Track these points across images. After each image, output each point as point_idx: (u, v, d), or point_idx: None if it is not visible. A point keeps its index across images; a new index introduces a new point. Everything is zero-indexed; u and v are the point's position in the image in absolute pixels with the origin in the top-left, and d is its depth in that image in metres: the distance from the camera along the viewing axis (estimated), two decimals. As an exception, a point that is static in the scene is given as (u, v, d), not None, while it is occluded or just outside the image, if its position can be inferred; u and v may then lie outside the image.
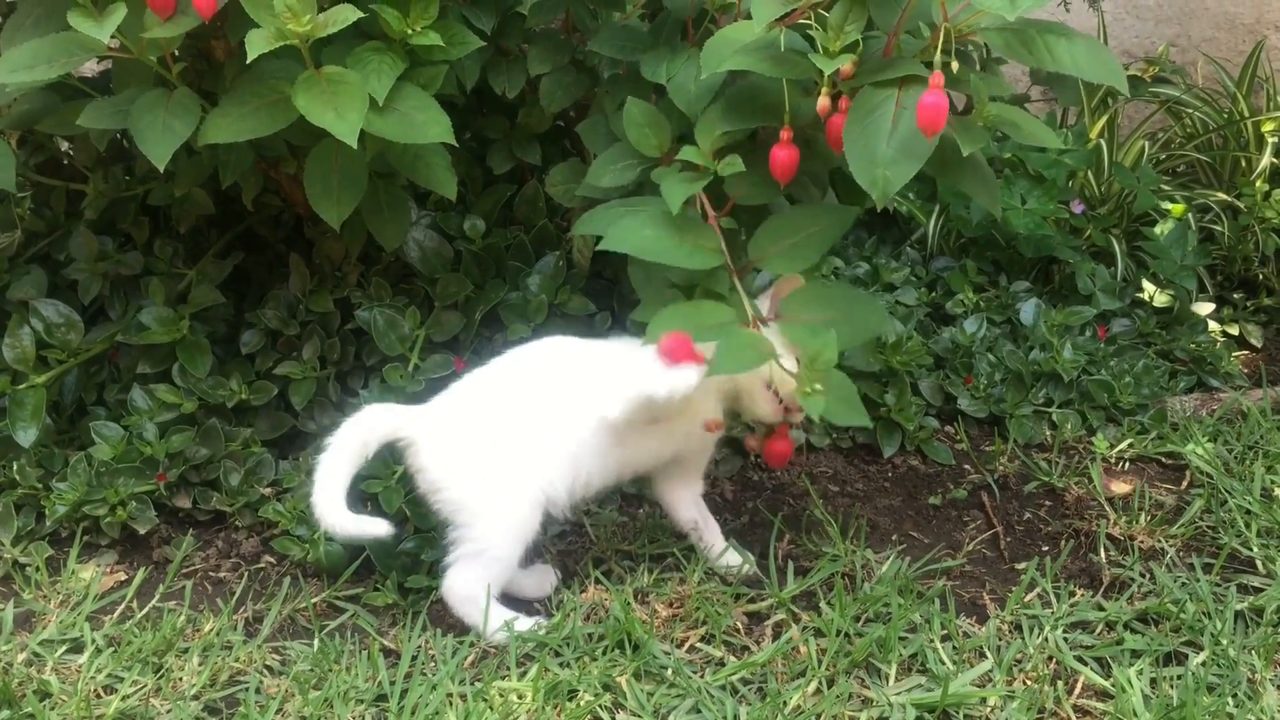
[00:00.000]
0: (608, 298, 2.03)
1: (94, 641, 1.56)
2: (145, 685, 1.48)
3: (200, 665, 1.52)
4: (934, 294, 2.32)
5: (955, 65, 1.40)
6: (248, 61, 1.53)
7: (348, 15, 1.56)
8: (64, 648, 1.56)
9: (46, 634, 1.58)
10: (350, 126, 1.54)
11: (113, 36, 1.59)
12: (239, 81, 1.68)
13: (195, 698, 1.47)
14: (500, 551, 1.56)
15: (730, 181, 1.59)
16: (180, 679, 1.50)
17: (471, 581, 1.57)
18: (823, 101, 1.49)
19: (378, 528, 1.56)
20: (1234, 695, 1.45)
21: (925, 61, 1.45)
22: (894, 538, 1.82)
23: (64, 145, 2.13)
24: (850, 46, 1.46)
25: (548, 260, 1.97)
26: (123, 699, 1.45)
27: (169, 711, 1.44)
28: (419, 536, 1.75)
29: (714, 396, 1.59)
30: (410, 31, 1.65)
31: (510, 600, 1.62)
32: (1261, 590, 1.64)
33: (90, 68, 2.32)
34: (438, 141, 1.64)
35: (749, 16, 1.50)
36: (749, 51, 1.52)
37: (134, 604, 1.68)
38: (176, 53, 1.72)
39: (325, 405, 1.93)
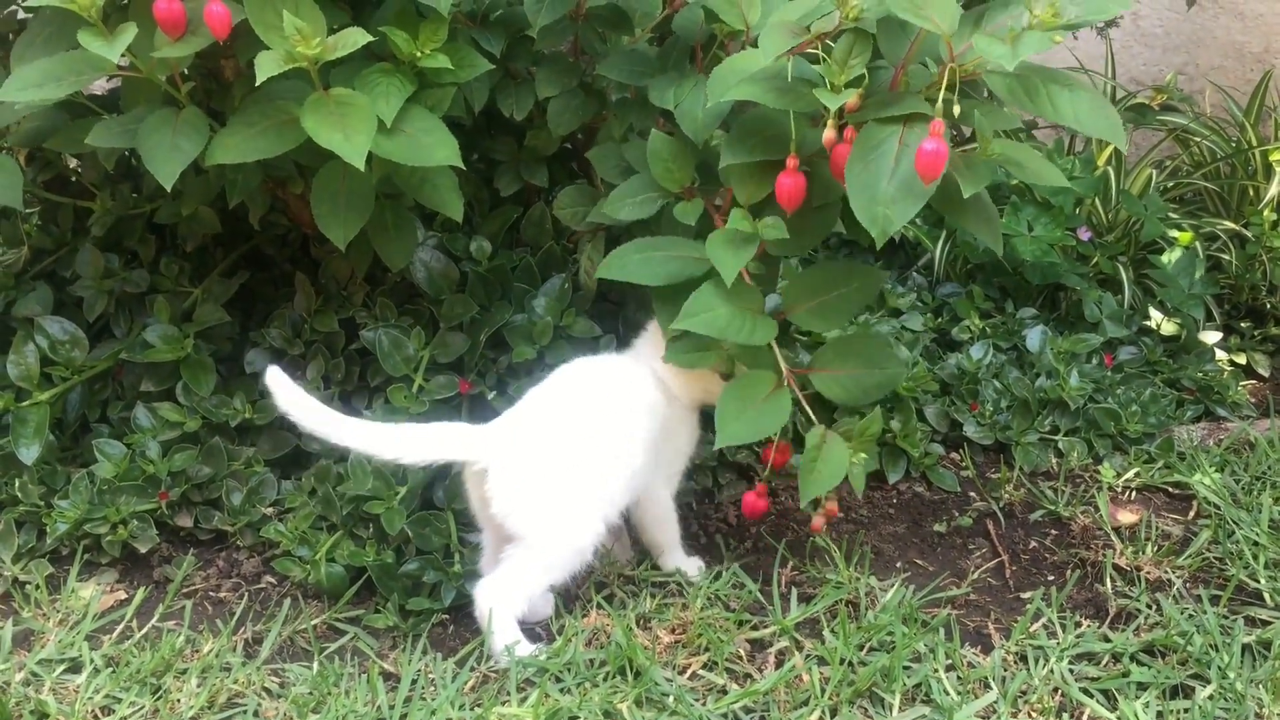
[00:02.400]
0: (613, 320, 2.02)
1: (92, 661, 1.55)
2: (143, 707, 1.47)
3: (199, 687, 1.51)
4: (940, 320, 2.32)
5: (958, 109, 1.40)
6: (258, 84, 1.54)
7: (357, 39, 1.57)
8: (62, 667, 1.56)
9: (45, 653, 1.58)
10: (358, 148, 1.54)
11: (122, 55, 1.60)
12: (247, 102, 1.69)
13: (193, 720, 1.46)
14: (546, 577, 1.59)
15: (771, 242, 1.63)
16: (178, 700, 1.49)
17: (505, 592, 1.58)
18: (828, 134, 1.50)
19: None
20: (1241, 730, 1.44)
21: (930, 98, 1.45)
22: (898, 565, 1.80)
23: (72, 163, 2.14)
24: (855, 81, 1.46)
25: (554, 282, 1.97)
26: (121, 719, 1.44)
27: (166, 734, 1.44)
28: (421, 559, 1.74)
29: None
30: (419, 54, 1.66)
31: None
32: (1269, 623, 1.62)
33: (100, 85, 2.32)
34: (446, 164, 1.65)
35: (757, 44, 1.50)
36: (755, 81, 1.52)
37: (133, 624, 1.68)
38: (186, 72, 1.73)
39: (329, 425, 1.92)
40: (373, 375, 1.93)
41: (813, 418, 1.64)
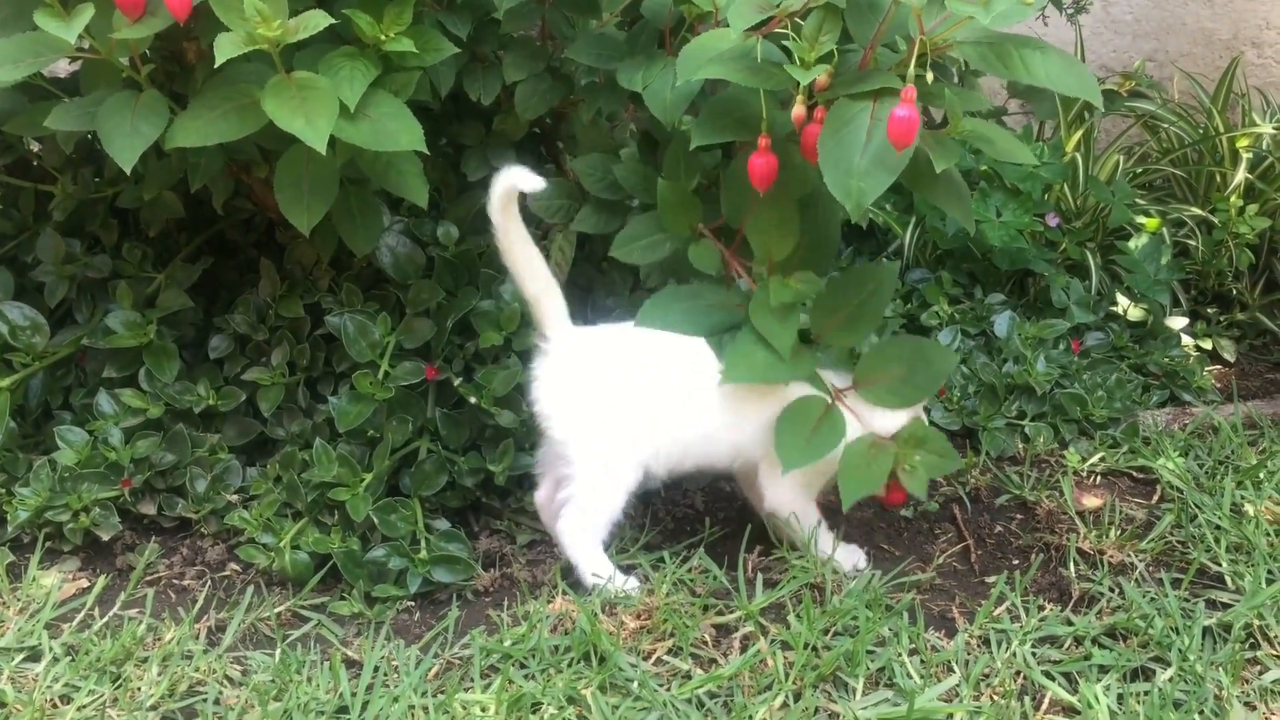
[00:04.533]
0: (582, 307, 2.01)
1: (52, 650, 1.54)
2: (103, 695, 1.46)
3: (159, 675, 1.50)
4: (910, 305, 2.32)
5: (930, 77, 1.40)
6: (216, 65, 1.52)
7: (319, 20, 1.55)
8: (21, 656, 1.54)
9: (4, 642, 1.56)
10: (320, 133, 1.53)
11: (81, 37, 1.57)
12: (208, 85, 1.66)
13: (153, 708, 1.45)
14: (602, 496, 1.66)
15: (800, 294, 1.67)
16: (138, 689, 1.48)
17: (581, 528, 1.66)
18: (798, 110, 1.49)
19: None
20: (1200, 712, 1.45)
21: (901, 75, 1.45)
22: (865, 550, 1.81)
23: (34, 146, 2.11)
24: (825, 57, 1.46)
25: (521, 268, 1.95)
26: (79, 709, 1.43)
27: (126, 722, 1.42)
28: (387, 545, 1.73)
29: None
30: (383, 37, 1.64)
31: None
32: (1230, 606, 1.63)
33: (63, 68, 2.29)
34: (410, 149, 1.63)
35: (726, 25, 1.49)
36: (725, 60, 1.52)
37: (95, 612, 1.66)
38: (148, 53, 1.71)
39: (294, 412, 1.91)
40: (338, 361, 1.92)
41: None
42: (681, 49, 1.58)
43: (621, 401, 1.67)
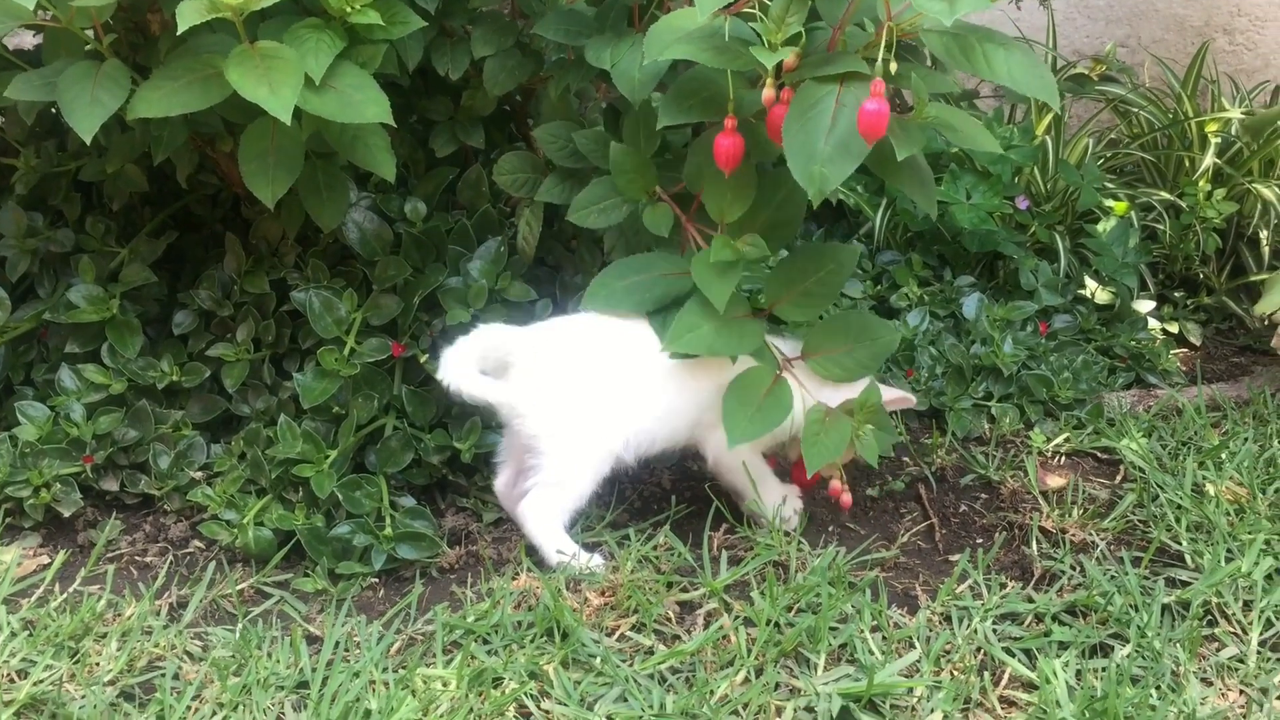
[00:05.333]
0: (550, 285, 2.01)
1: (9, 625, 1.53)
2: (60, 670, 1.45)
3: (118, 650, 1.49)
4: (880, 287, 2.33)
5: (894, 66, 1.40)
6: (179, 34, 1.50)
7: (282, -11, 1.53)
8: (-22, 631, 1.53)
9: (-40, 617, 1.55)
10: (284, 103, 1.51)
11: (42, 6, 1.55)
12: (172, 56, 1.65)
13: (111, 683, 1.44)
14: (574, 483, 1.67)
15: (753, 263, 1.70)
16: (97, 663, 1.47)
17: (545, 508, 1.67)
18: (767, 93, 1.49)
19: (501, 395, 1.67)
20: (1157, 687, 1.46)
21: (868, 58, 1.45)
22: (830, 529, 1.82)
23: (-4, 118, 2.08)
24: (792, 39, 1.45)
25: (490, 245, 1.95)
26: (35, 684, 1.42)
27: (83, 697, 1.41)
28: (352, 522, 1.72)
29: None
30: (349, 9, 1.63)
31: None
32: (1189, 584, 1.65)
33: (28, 41, 2.27)
34: (376, 122, 1.62)
35: (694, 3, 1.49)
36: (692, 40, 1.51)
37: (55, 587, 1.65)
38: (110, 23, 1.69)
39: (259, 388, 1.90)
40: (304, 338, 1.90)
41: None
42: (650, 27, 1.57)
43: (591, 392, 1.67)
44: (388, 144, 1.71)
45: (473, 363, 1.66)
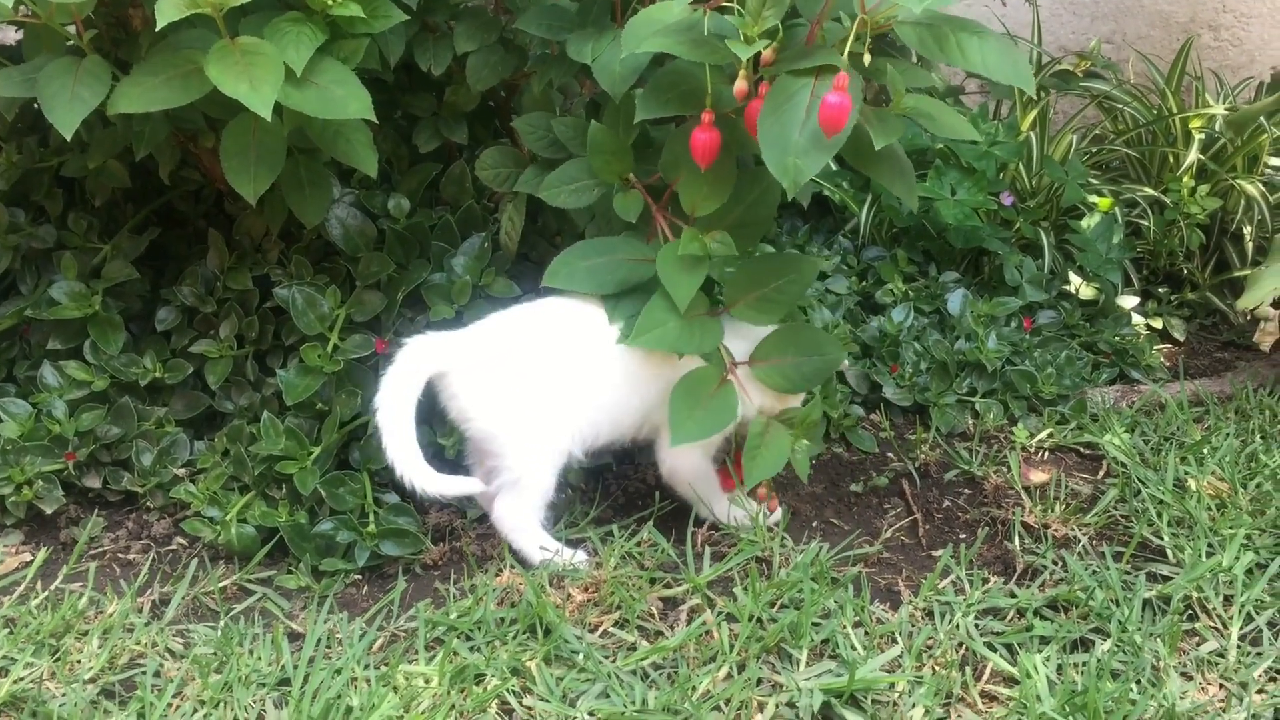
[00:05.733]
0: (534, 280, 2.00)
1: (-10, 623, 1.52)
2: (40, 668, 1.44)
3: (99, 648, 1.49)
4: (865, 283, 2.33)
5: (868, 58, 1.40)
6: (158, 29, 1.49)
7: (262, -16, 1.52)
8: (-42, 629, 1.52)
9: (-59, 615, 1.54)
10: (264, 99, 1.51)
11: (22, 3, 1.54)
12: (153, 51, 1.64)
13: (92, 681, 1.44)
14: (535, 479, 1.67)
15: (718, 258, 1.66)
16: (78, 661, 1.46)
17: (516, 510, 1.67)
18: (740, 84, 1.49)
19: (470, 486, 1.66)
20: (1138, 682, 1.47)
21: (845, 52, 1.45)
22: (814, 524, 1.82)
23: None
24: (769, 33, 1.45)
25: (473, 241, 1.95)
26: (15, 681, 1.41)
27: (64, 695, 1.41)
28: (335, 519, 1.72)
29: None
30: (331, 2, 1.62)
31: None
32: (1170, 579, 1.66)
33: (9, 36, 2.26)
34: (359, 117, 1.62)
35: (673, -2, 1.48)
36: (670, 33, 1.51)
37: (36, 585, 1.64)
38: (92, 17, 1.68)
39: (242, 385, 1.89)
40: (287, 334, 1.90)
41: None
42: (629, 20, 1.57)
43: (533, 385, 1.67)
44: (370, 139, 1.71)
45: (412, 390, 1.64)
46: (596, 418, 1.69)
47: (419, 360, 1.66)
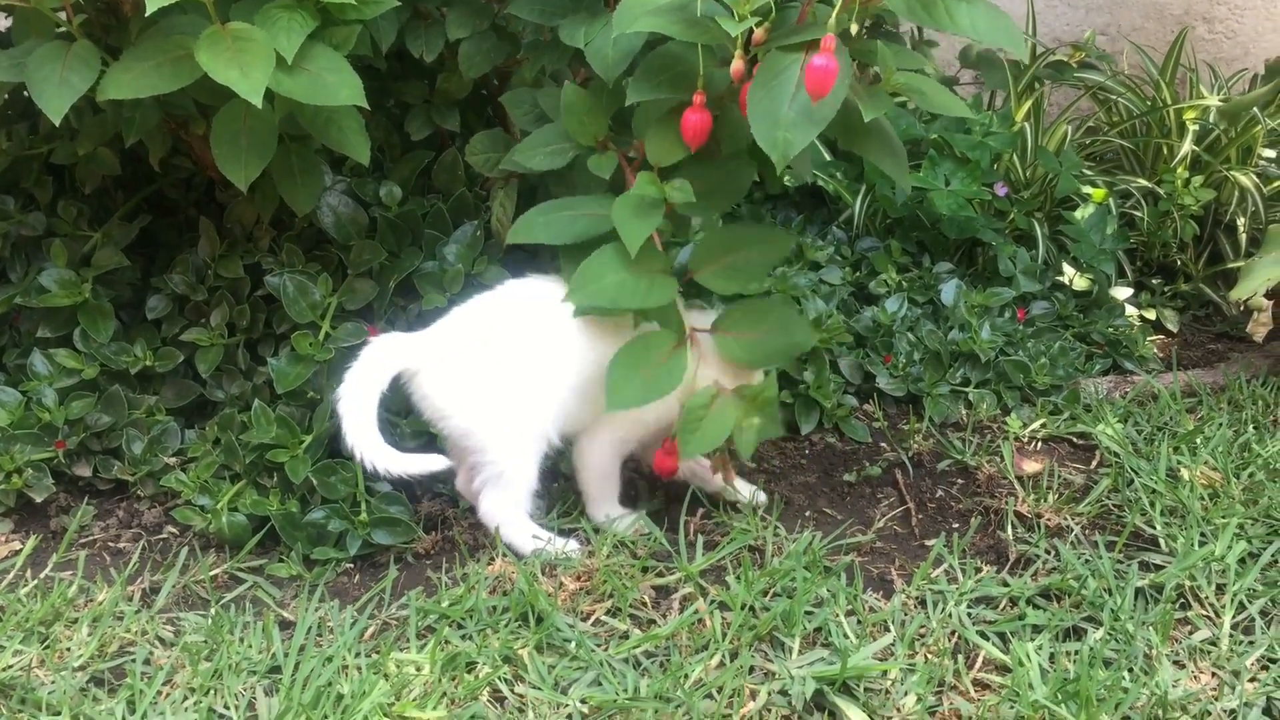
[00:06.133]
0: (526, 269, 1.99)
1: (-22, 610, 1.51)
2: (29, 655, 1.44)
3: (89, 636, 1.48)
4: (858, 273, 2.33)
5: (855, 28, 1.39)
6: (147, 15, 1.48)
7: (253, -31, 1.52)
8: (-54, 617, 1.51)
9: (-71, 603, 1.53)
10: (255, 85, 1.50)
11: (9, -15, 1.53)
12: (143, 37, 1.63)
13: (81, 668, 1.43)
14: (517, 470, 1.65)
15: (681, 206, 1.60)
16: (67, 649, 1.45)
17: (502, 504, 1.66)
18: (736, 65, 1.48)
19: (434, 463, 1.63)
20: (1130, 670, 1.47)
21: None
22: (807, 514, 1.82)
23: (-35, 101, 2.05)
24: (761, 10, 1.45)
25: (465, 229, 1.94)
26: (4, 669, 1.40)
27: (52, 682, 1.40)
28: (327, 507, 1.71)
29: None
30: (321, -11, 1.61)
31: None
32: (1162, 568, 1.66)
33: (3, 24, 2.24)
34: (350, 104, 1.61)
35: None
36: (661, 13, 1.50)
37: (26, 573, 1.63)
38: (81, 2, 1.67)
39: (233, 373, 1.88)
40: (278, 322, 1.89)
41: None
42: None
43: (502, 374, 1.65)
44: (362, 127, 1.70)
45: (376, 385, 1.63)
46: (568, 398, 1.66)
47: (384, 357, 1.64)
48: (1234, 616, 1.56)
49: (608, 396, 1.57)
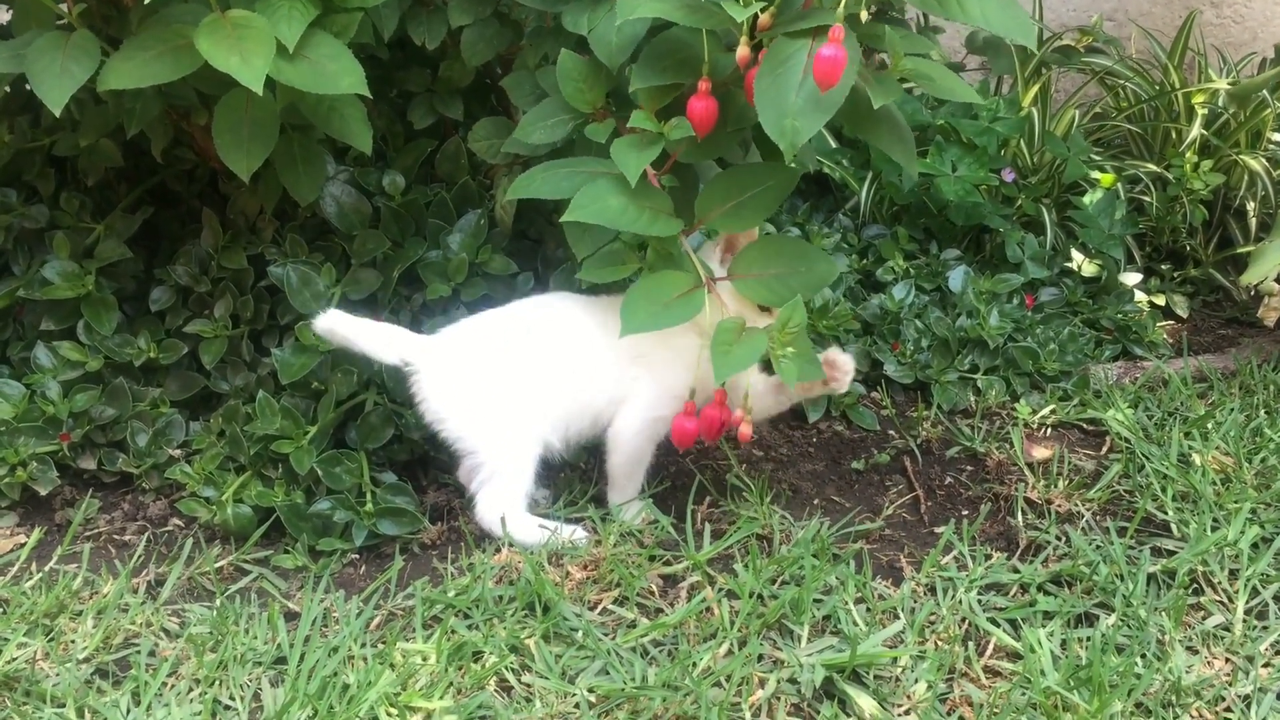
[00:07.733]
0: (531, 258, 1.99)
1: (-18, 603, 1.51)
2: (34, 647, 1.43)
3: (94, 628, 1.47)
4: (865, 261, 2.31)
5: (865, 15, 1.38)
6: (147, 3, 1.48)
7: (253, -44, 1.50)
8: (-49, 610, 1.51)
9: (-66, 596, 1.53)
10: (256, 72, 1.49)
11: (7, -25, 1.52)
12: (143, 26, 1.62)
13: (86, 660, 1.42)
14: (513, 470, 1.65)
15: (674, 141, 1.56)
16: (72, 641, 1.45)
17: (498, 500, 1.65)
18: (742, 51, 1.47)
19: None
20: (1143, 656, 1.45)
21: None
22: (815, 501, 1.80)
23: (-33, 94, 2.05)
24: (766, -5, 1.43)
25: (469, 218, 1.93)
26: (8, 661, 1.40)
27: (57, 674, 1.39)
28: (332, 498, 1.71)
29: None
30: (322, -26, 1.60)
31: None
32: (1174, 553, 1.64)
33: (3, 17, 2.23)
34: (352, 93, 1.60)
35: (671, -35, 1.46)
36: (666, -1, 1.48)
37: (31, 566, 1.63)
38: (81, -7, 1.66)
39: (237, 365, 1.88)
40: (282, 313, 1.88)
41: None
42: (627, -7, 1.54)
43: (502, 382, 1.66)
44: (364, 116, 1.69)
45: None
46: (568, 403, 1.67)
47: (391, 337, 1.69)
48: (1247, 602, 1.55)
49: (623, 321, 1.53)
